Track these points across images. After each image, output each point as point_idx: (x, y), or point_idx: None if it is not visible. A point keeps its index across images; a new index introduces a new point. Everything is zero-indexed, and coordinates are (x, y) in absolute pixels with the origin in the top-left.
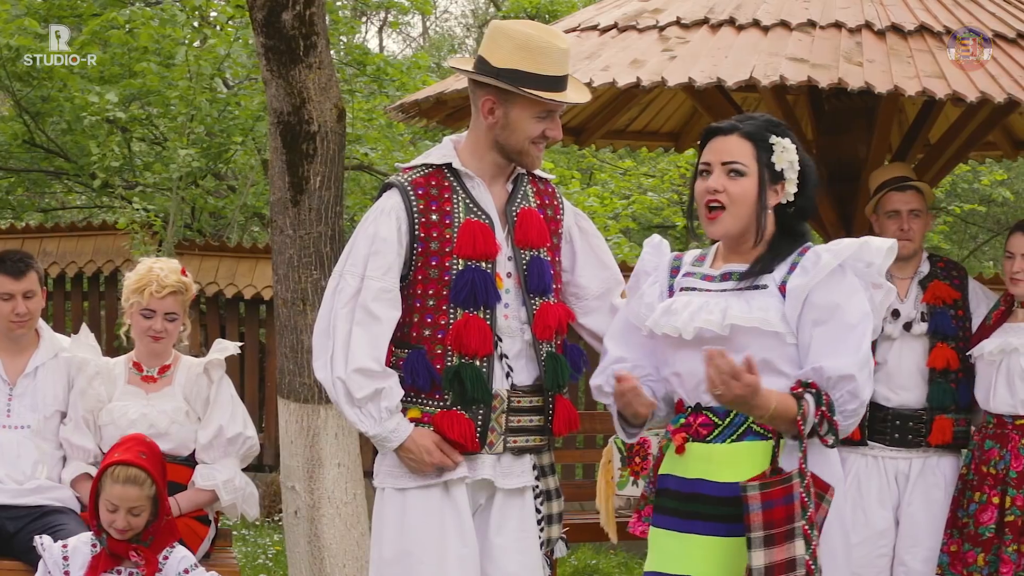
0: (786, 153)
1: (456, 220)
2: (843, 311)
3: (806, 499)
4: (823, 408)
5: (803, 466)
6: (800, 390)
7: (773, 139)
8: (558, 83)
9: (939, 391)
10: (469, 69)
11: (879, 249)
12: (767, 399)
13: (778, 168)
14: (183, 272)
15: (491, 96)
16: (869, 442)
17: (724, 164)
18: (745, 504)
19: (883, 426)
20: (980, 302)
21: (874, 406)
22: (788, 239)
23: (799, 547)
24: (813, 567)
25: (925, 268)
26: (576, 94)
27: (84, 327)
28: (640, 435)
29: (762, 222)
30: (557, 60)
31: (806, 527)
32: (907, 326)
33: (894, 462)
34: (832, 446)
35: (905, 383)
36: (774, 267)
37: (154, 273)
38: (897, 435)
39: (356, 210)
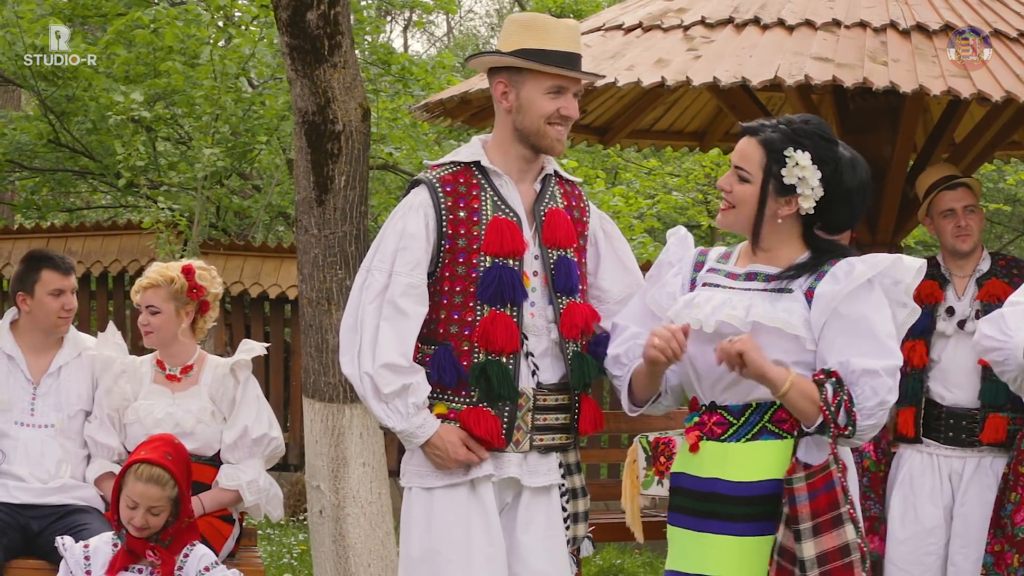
0: (798, 169)
1: (484, 217)
2: (871, 323)
3: (845, 484)
4: (843, 396)
5: (836, 452)
6: (821, 376)
7: (789, 152)
8: (568, 59)
9: (992, 389)
10: (479, 53)
11: (910, 268)
12: (780, 372)
13: (787, 182)
14: (185, 268)
15: (503, 79)
16: (924, 439)
17: (735, 167)
18: (791, 497)
19: (937, 424)
20: None
21: (929, 403)
22: (826, 255)
23: (850, 531)
24: (865, 549)
25: (985, 266)
26: (586, 71)
27: (111, 325)
28: (640, 411)
29: (759, 230)
30: (563, 35)
31: (851, 511)
32: (961, 324)
33: (948, 460)
34: (849, 436)
35: (959, 381)
36: (803, 275)
37: (149, 270)
38: (951, 434)
39: (381, 210)
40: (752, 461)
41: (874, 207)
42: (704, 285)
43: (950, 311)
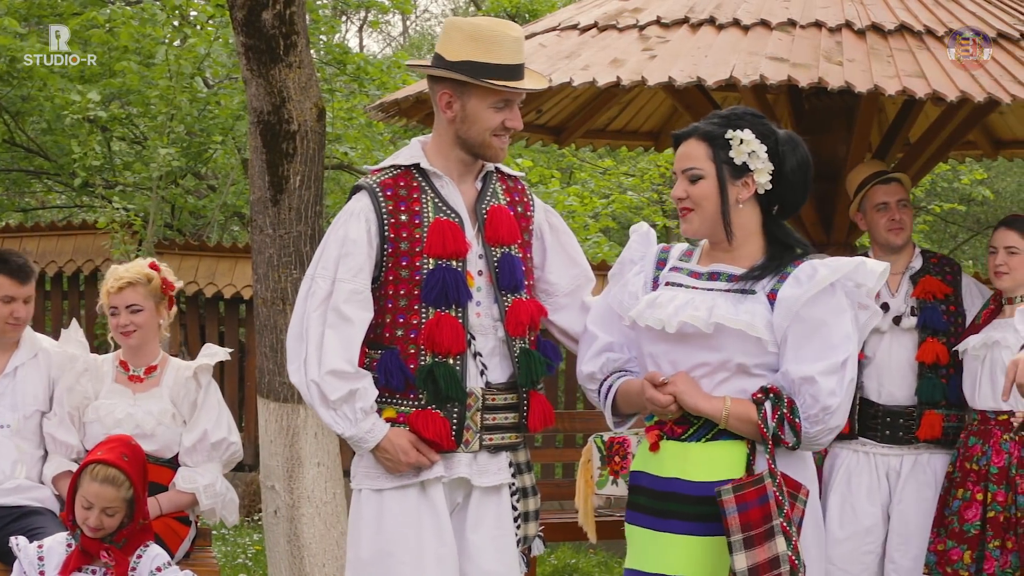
0: (744, 145)
1: (425, 220)
2: (828, 329)
3: (780, 497)
4: (783, 410)
5: (772, 466)
6: (760, 396)
7: (730, 134)
8: (513, 72)
9: (929, 385)
10: (424, 64)
11: (872, 272)
12: (715, 404)
13: (738, 162)
14: (152, 266)
15: (448, 90)
16: (860, 438)
17: (684, 172)
18: (721, 508)
19: (873, 423)
20: (975, 298)
21: (864, 402)
22: (787, 250)
23: (780, 544)
24: (797, 562)
25: (917, 263)
26: (532, 82)
27: (74, 322)
28: (627, 426)
29: (728, 219)
30: (510, 49)
31: (784, 524)
32: (897, 320)
33: (885, 459)
34: (793, 447)
35: (894, 377)
36: (767, 276)
37: (113, 272)
38: (888, 432)
39: (335, 209)
40: (711, 461)
41: (829, 207)
42: (667, 284)
43: (885, 307)
